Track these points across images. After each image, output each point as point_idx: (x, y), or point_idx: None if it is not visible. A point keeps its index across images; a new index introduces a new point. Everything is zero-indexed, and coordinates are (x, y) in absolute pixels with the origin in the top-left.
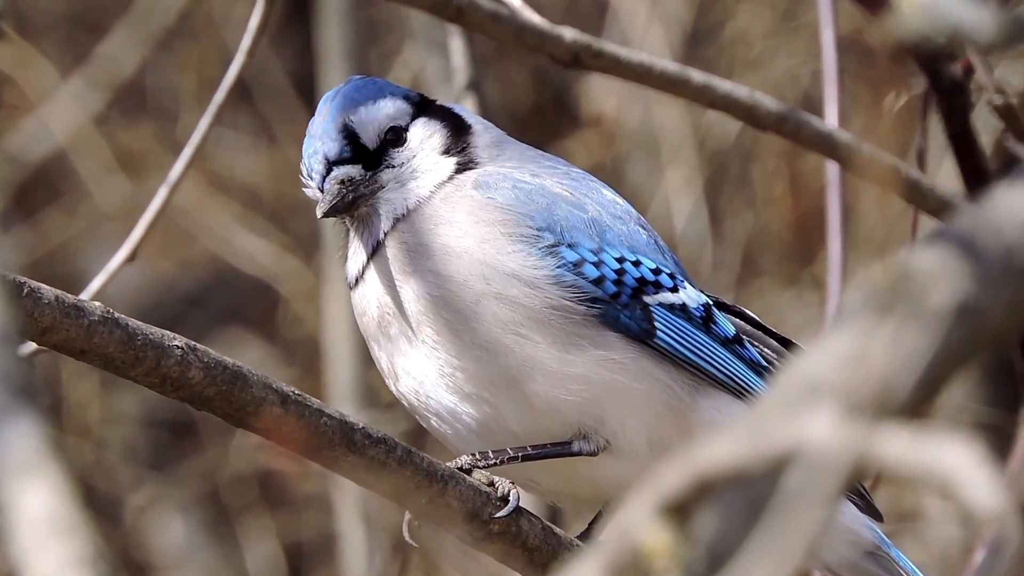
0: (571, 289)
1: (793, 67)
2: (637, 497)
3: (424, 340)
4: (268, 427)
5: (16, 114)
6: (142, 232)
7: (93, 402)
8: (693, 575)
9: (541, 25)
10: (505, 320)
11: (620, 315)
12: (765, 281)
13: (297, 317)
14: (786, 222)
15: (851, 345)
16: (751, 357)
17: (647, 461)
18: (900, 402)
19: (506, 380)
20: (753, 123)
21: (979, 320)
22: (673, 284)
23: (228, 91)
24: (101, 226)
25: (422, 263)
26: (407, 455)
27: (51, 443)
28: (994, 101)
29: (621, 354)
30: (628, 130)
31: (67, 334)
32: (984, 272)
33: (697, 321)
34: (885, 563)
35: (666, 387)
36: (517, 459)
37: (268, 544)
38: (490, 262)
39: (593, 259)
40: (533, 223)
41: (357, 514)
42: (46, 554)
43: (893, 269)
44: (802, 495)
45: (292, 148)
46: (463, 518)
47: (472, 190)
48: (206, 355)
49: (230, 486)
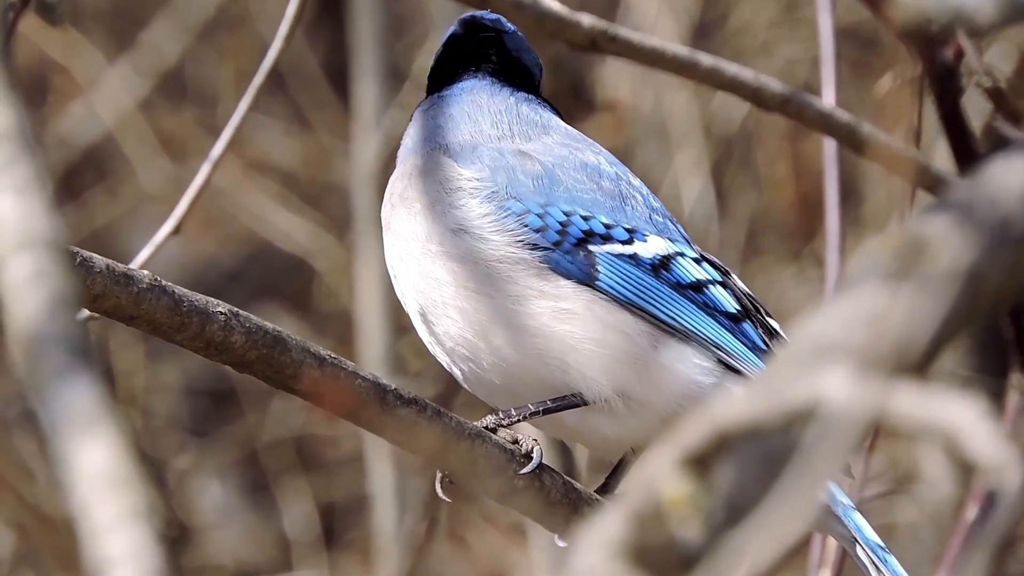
0: (513, 234)
1: (795, 55)
2: (658, 450)
3: (414, 298)
4: (306, 388)
5: (65, 100)
6: (186, 206)
7: (139, 371)
8: (713, 525)
9: (561, 12)
10: (462, 278)
11: (561, 259)
12: (769, 258)
13: (331, 291)
14: (788, 202)
15: (865, 307)
16: (709, 302)
17: (623, 414)
18: (912, 361)
19: (474, 336)
20: (759, 104)
21: (980, 285)
22: (629, 238)
23: (266, 75)
24: (145, 206)
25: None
26: (436, 415)
27: (107, 402)
28: (983, 84)
29: (572, 303)
30: (640, 115)
31: (117, 301)
32: (983, 240)
33: (646, 267)
34: (834, 521)
35: (622, 335)
36: (538, 413)
37: (303, 505)
38: (439, 219)
39: (538, 211)
40: (480, 181)
41: (388, 475)
42: (104, 506)
43: (902, 236)
44: (818, 448)
45: (325, 133)
46: (489, 474)
47: (443, 155)
48: (248, 320)
49: (267, 450)
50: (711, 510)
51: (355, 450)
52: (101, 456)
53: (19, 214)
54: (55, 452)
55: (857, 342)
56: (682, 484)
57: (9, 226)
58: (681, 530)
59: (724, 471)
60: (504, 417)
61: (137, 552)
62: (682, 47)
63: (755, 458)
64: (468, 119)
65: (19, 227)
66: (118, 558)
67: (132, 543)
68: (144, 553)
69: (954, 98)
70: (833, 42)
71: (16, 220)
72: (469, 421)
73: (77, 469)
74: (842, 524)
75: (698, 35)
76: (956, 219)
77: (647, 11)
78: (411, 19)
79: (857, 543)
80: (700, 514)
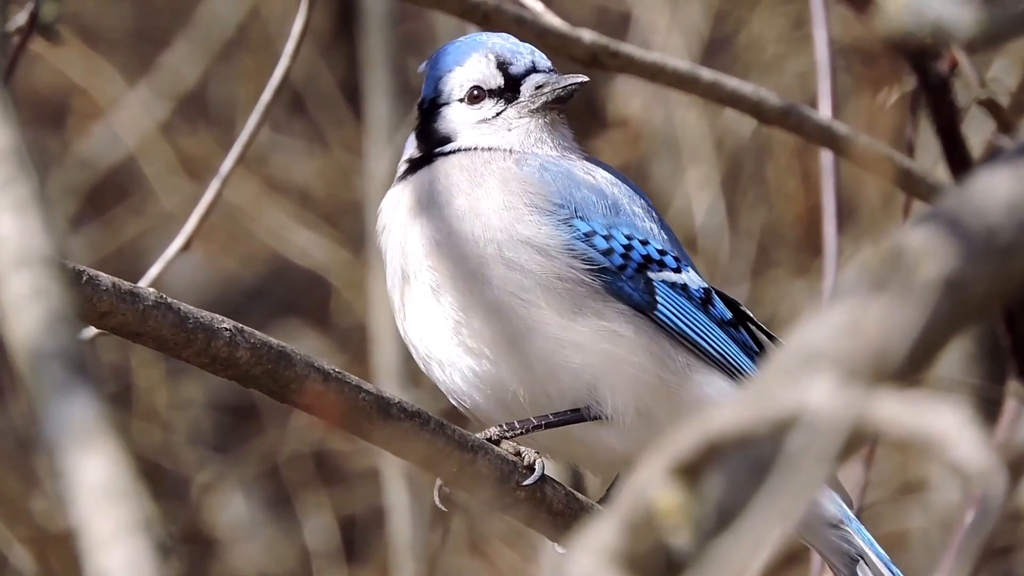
0: (580, 259)
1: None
2: (650, 460)
3: (437, 289)
4: (310, 402)
5: (87, 121)
6: (195, 222)
7: (160, 388)
8: (703, 532)
9: (562, 27)
10: (513, 283)
11: (625, 285)
12: (779, 271)
13: (347, 305)
14: (798, 215)
15: (847, 317)
16: (744, 340)
17: (636, 431)
18: (894, 369)
19: (508, 340)
20: (759, 117)
21: (964, 293)
22: (677, 266)
23: (276, 93)
24: (166, 225)
25: (443, 213)
26: (439, 427)
27: (106, 416)
28: (978, 96)
29: (621, 326)
30: (651, 131)
31: (123, 318)
32: (968, 249)
33: (696, 301)
34: (845, 536)
35: (660, 362)
36: (540, 427)
37: (324, 518)
38: (506, 228)
39: (604, 232)
40: (552, 198)
41: (403, 488)
42: (104, 518)
43: (885, 247)
44: (803, 456)
45: (342, 152)
46: (492, 485)
47: (508, 162)
48: (252, 336)
49: (288, 465)
50: (701, 518)
51: (373, 463)
52: (100, 469)
53: (17, 232)
54: (56, 466)
55: (841, 351)
56: (673, 492)
57: (8, 244)
58: (672, 537)
59: (714, 479)
60: (508, 429)
61: (135, 564)
62: (682, 62)
63: (744, 466)
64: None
65: (18, 245)
66: (116, 570)
67: (130, 555)
68: (142, 565)
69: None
70: (829, 55)
71: (15, 238)
72: (472, 433)
73: (76, 482)
74: (848, 540)
75: (708, 51)
76: (940, 229)
77: (657, 29)
78: (421, 38)
79: (863, 559)
80: (691, 522)
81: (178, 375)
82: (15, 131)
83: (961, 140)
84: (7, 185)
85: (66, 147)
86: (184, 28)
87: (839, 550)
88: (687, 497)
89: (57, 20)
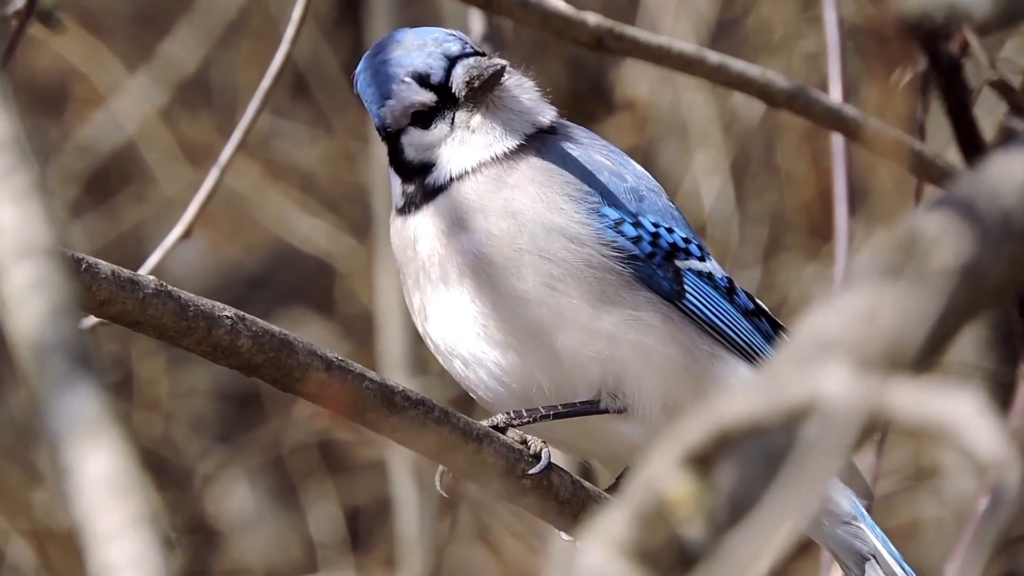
0: (611, 247)
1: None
2: (662, 449)
3: (464, 289)
4: (313, 391)
5: (87, 108)
6: (196, 210)
7: (162, 378)
8: (715, 523)
9: (567, 11)
10: (544, 273)
11: (655, 273)
12: (790, 256)
13: (352, 293)
14: (808, 199)
15: (861, 304)
16: (767, 330)
17: (660, 422)
18: (909, 357)
19: (536, 330)
20: (767, 100)
21: (979, 279)
22: (701, 254)
23: (278, 78)
24: (168, 212)
25: (477, 219)
26: (444, 416)
27: (109, 408)
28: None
29: (650, 315)
30: (659, 115)
31: (123, 306)
32: (983, 234)
33: (722, 290)
34: (858, 533)
35: (687, 352)
36: (548, 417)
37: (329, 508)
38: (539, 219)
39: (632, 220)
40: (580, 186)
41: (410, 478)
42: (107, 513)
43: (899, 233)
44: (817, 446)
45: (346, 137)
46: (498, 474)
47: (534, 156)
48: (254, 324)
49: (292, 455)
50: (713, 509)
51: (379, 453)
52: (103, 463)
53: (18, 222)
54: (58, 460)
55: (855, 338)
56: (685, 483)
57: (8, 235)
58: (684, 529)
59: (726, 469)
60: (515, 417)
61: (139, 558)
62: (688, 44)
63: (757, 456)
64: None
65: (18, 235)
66: (121, 565)
67: (135, 550)
68: (147, 559)
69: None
70: (839, 37)
71: (15, 229)
72: (477, 422)
73: (80, 477)
74: (860, 537)
75: (717, 33)
76: (955, 214)
77: (665, 13)
78: (426, 20)
79: (875, 558)
80: (703, 513)
81: (180, 364)
82: (14, 119)
83: (973, 122)
84: (7, 175)
85: (66, 133)
86: (185, 12)
87: (851, 548)
88: (699, 488)
89: (57, 6)
